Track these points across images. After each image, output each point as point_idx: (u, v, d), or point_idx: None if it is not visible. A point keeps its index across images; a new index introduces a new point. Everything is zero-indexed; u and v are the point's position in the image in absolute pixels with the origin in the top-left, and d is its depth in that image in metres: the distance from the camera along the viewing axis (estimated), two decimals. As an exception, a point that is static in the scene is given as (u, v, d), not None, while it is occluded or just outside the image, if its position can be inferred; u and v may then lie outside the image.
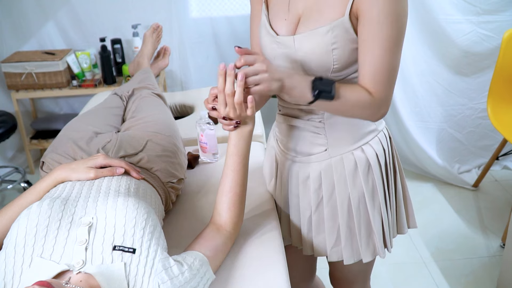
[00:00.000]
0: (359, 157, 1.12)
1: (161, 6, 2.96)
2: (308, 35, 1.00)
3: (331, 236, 1.18)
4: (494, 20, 2.48)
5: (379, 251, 1.19)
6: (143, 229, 0.89)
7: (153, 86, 1.68)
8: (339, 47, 0.99)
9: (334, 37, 0.98)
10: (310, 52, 1.01)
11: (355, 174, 1.12)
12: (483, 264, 2.18)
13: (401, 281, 2.11)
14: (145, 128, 1.35)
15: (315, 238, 1.20)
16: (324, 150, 1.13)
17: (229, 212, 1.06)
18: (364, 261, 1.20)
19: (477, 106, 2.71)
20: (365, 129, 1.13)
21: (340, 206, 1.14)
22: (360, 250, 1.18)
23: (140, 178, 1.10)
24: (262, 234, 1.15)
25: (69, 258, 0.84)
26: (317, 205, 1.17)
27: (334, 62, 1.00)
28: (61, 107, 3.25)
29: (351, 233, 1.17)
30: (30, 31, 2.99)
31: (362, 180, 1.12)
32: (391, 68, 0.99)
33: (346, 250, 1.18)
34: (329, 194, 1.15)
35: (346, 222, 1.16)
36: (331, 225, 1.17)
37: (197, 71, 3.15)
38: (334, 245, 1.18)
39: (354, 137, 1.12)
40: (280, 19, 1.07)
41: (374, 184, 1.14)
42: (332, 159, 1.13)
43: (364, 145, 1.13)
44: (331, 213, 1.16)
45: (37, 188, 1.04)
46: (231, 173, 1.06)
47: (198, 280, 0.90)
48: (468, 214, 2.53)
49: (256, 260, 1.06)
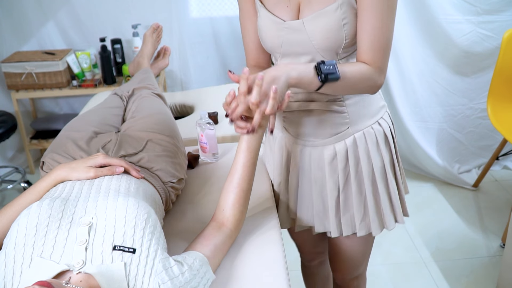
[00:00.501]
0: (378, 130, 1.20)
1: (161, 6, 2.96)
2: (318, 15, 1.05)
3: (359, 210, 1.23)
4: (494, 20, 2.48)
5: (399, 218, 1.27)
6: (143, 229, 0.89)
7: (153, 86, 1.68)
8: (348, 22, 1.04)
9: (343, 13, 1.03)
10: (323, 32, 1.05)
11: (377, 146, 1.20)
12: (483, 264, 2.18)
13: (401, 281, 2.11)
14: (145, 128, 1.35)
15: (343, 217, 1.25)
16: (347, 128, 1.18)
17: (233, 209, 1.06)
18: (388, 229, 1.26)
19: (477, 106, 2.71)
20: (378, 104, 1.21)
21: (367, 179, 1.20)
22: (384, 219, 1.25)
23: (140, 177, 1.10)
24: (262, 234, 1.15)
25: (69, 258, 0.84)
26: (345, 183, 1.22)
27: (345, 38, 1.06)
28: (61, 107, 3.25)
29: (376, 204, 1.23)
30: (30, 31, 2.99)
31: (382, 151, 1.21)
32: (386, 38, 1.05)
33: (374, 221, 1.24)
34: (355, 170, 1.20)
35: (372, 193, 1.22)
36: (358, 200, 1.22)
37: (197, 71, 3.15)
38: (363, 219, 1.24)
39: (371, 112, 1.20)
40: (282, 7, 1.10)
41: (391, 153, 1.24)
42: (356, 135, 1.19)
43: (379, 119, 1.21)
44: (358, 188, 1.21)
45: (37, 188, 1.04)
46: (240, 169, 1.07)
47: (198, 280, 0.90)
48: (468, 214, 2.54)
49: (256, 259, 1.06)
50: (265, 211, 1.25)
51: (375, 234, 1.26)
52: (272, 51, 1.17)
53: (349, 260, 1.37)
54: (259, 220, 1.20)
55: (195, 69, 3.14)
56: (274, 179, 1.34)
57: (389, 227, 1.26)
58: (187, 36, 3.04)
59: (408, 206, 1.32)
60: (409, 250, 2.29)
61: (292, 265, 1.69)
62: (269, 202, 1.29)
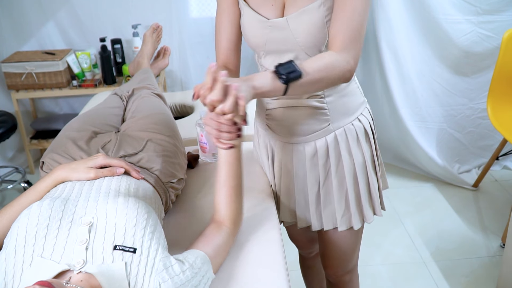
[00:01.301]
0: (358, 126, 1.22)
1: (161, 6, 2.96)
2: (302, 13, 1.05)
3: (340, 205, 1.25)
4: (494, 20, 2.48)
5: (377, 211, 1.30)
6: (144, 228, 0.89)
7: (153, 86, 1.68)
8: (331, 19, 1.05)
9: (326, 9, 1.04)
10: (307, 29, 1.06)
11: (358, 142, 1.22)
12: (483, 264, 2.18)
13: (401, 281, 2.11)
14: (145, 128, 1.35)
15: (324, 211, 1.27)
16: (328, 125, 1.19)
17: (226, 207, 1.07)
18: (368, 222, 1.30)
19: (477, 106, 2.71)
20: (358, 101, 1.23)
21: (348, 175, 1.22)
22: (364, 212, 1.28)
23: (140, 178, 1.10)
24: (262, 234, 1.15)
25: (70, 257, 0.84)
26: (325, 178, 1.24)
27: (328, 35, 1.06)
28: (61, 107, 3.25)
29: (357, 198, 1.26)
30: (30, 31, 2.99)
31: (363, 147, 1.23)
32: (358, 22, 1.04)
33: (355, 215, 1.27)
34: (336, 165, 1.22)
35: (354, 189, 1.24)
36: (339, 195, 1.24)
37: (197, 71, 3.15)
38: (344, 213, 1.27)
39: (352, 109, 1.21)
40: (267, 5, 1.11)
41: (372, 149, 1.26)
42: (336, 132, 1.20)
43: (359, 115, 1.23)
44: (339, 183, 1.24)
45: (37, 188, 1.04)
46: (224, 166, 1.06)
47: (199, 278, 0.90)
48: (468, 214, 2.54)
49: (256, 259, 1.06)
50: (265, 210, 1.25)
51: (356, 228, 1.29)
52: (256, 49, 1.17)
53: (338, 255, 1.38)
54: (259, 220, 1.20)
55: (195, 69, 3.15)
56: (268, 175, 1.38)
57: (368, 220, 1.29)
58: (187, 36, 3.04)
59: (408, 206, 1.33)
60: (409, 250, 2.29)
61: (292, 265, 1.69)
62: (269, 201, 1.29)
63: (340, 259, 1.40)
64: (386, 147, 2.93)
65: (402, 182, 2.84)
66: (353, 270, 1.47)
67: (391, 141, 2.93)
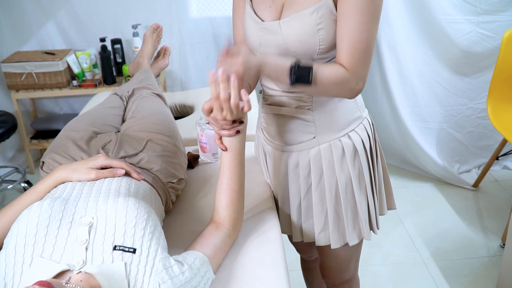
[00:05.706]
0: (346, 144, 1.16)
1: (161, 6, 2.96)
2: (294, 18, 1.03)
3: (319, 221, 1.22)
4: (494, 20, 2.49)
5: (365, 234, 1.23)
6: (144, 229, 0.89)
7: (153, 86, 1.68)
8: (324, 28, 1.01)
9: (319, 17, 1.00)
10: (297, 34, 1.03)
11: (342, 160, 1.16)
12: (483, 264, 2.18)
13: (401, 281, 2.11)
14: (145, 128, 1.35)
15: (304, 223, 1.25)
16: (313, 138, 1.16)
17: (227, 210, 1.06)
18: (350, 244, 1.23)
19: (477, 106, 2.71)
20: (351, 116, 1.17)
21: (328, 192, 1.18)
22: (347, 233, 1.22)
23: (140, 179, 1.10)
24: (262, 234, 1.15)
25: (70, 257, 0.84)
26: (306, 192, 1.21)
27: (320, 44, 1.03)
28: (61, 107, 3.25)
29: (338, 217, 1.21)
30: (30, 31, 2.99)
31: (349, 165, 1.16)
32: (367, 43, 1.00)
33: (334, 234, 1.22)
34: (317, 180, 1.19)
35: (334, 206, 1.19)
36: (319, 210, 1.21)
37: (197, 71, 3.16)
38: (322, 229, 1.23)
39: (341, 124, 1.16)
40: (265, 7, 1.10)
41: (360, 169, 1.18)
42: (321, 146, 1.16)
43: (350, 132, 1.16)
44: (319, 199, 1.20)
45: (38, 189, 1.04)
46: (227, 170, 1.06)
47: (198, 279, 0.90)
48: (468, 214, 2.54)
49: (256, 259, 1.06)
50: (265, 211, 1.25)
51: (333, 247, 1.23)
52: (253, 50, 1.17)
53: (333, 266, 1.37)
54: (259, 220, 1.20)
55: (195, 69, 3.15)
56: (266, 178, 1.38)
57: (350, 243, 1.23)
58: (187, 36, 3.04)
59: (408, 206, 1.32)
60: (409, 250, 2.29)
61: (292, 265, 1.69)
62: (269, 202, 1.29)
63: (336, 270, 1.38)
64: (386, 147, 2.93)
65: (402, 182, 2.84)
66: (351, 280, 1.44)
67: (391, 141, 2.93)
